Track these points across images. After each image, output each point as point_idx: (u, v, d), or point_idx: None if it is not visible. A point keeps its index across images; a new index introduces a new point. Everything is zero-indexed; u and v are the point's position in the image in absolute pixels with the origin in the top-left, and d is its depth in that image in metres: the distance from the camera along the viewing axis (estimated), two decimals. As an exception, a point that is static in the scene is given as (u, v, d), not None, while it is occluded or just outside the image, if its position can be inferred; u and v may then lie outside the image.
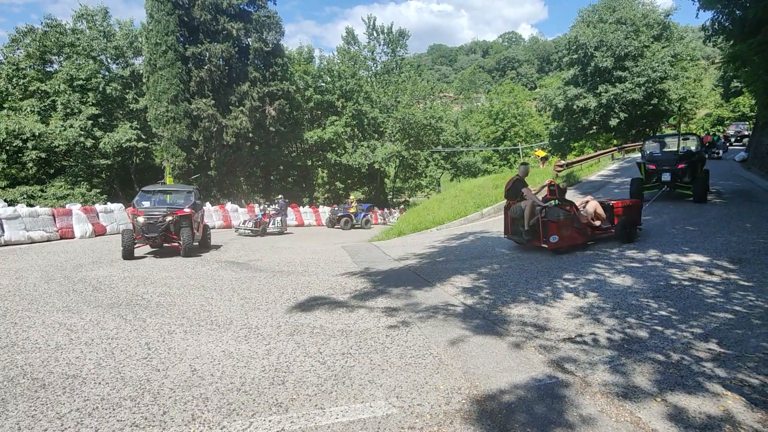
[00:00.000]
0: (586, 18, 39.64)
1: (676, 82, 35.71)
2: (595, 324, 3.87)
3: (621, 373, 2.96)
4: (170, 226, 9.00)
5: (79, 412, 2.59)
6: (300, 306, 4.84)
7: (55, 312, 4.69)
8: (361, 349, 3.52)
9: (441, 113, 36.73)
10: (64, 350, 3.57)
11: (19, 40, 27.17)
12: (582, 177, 18.33)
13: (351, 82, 33.44)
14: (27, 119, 24.60)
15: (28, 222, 11.15)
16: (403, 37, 38.30)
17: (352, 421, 2.48)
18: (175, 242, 9.08)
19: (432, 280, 5.75)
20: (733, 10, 11.84)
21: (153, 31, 22.72)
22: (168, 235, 9.06)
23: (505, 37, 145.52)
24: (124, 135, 25.84)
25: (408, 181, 42.39)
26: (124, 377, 3.06)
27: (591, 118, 37.81)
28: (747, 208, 9.60)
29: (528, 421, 2.44)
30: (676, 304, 4.26)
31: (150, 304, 5.03)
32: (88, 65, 26.40)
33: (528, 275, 5.63)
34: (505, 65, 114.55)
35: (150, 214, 8.99)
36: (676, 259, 5.95)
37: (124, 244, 8.29)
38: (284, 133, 28.41)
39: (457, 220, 12.42)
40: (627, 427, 2.37)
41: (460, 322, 4.10)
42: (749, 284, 4.71)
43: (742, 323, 3.70)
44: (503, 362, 3.20)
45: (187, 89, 23.52)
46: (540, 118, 58.45)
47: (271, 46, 26.14)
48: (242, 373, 3.11)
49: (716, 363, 3.04)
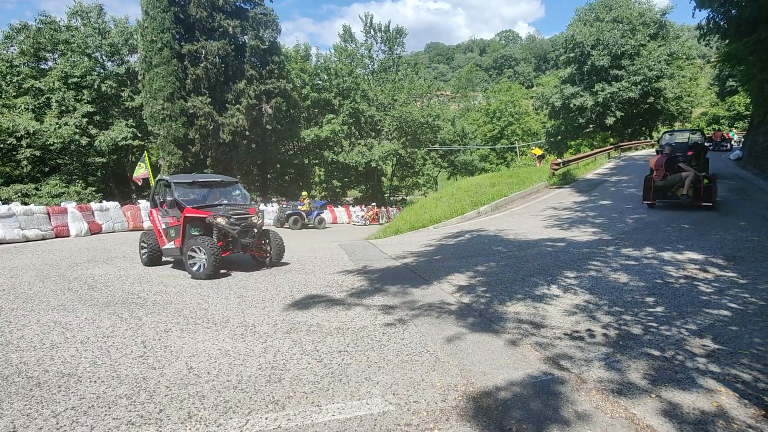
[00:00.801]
0: (583, 16, 39.75)
1: (672, 81, 35.92)
2: (590, 321, 3.89)
3: (616, 369, 2.98)
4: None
5: (75, 411, 2.58)
6: (297, 304, 4.84)
7: (51, 311, 4.67)
8: (357, 347, 3.52)
9: (438, 111, 36.70)
10: (60, 349, 3.55)
11: (12, 36, 26.94)
12: (578, 175, 18.39)
13: (348, 80, 33.35)
14: (21, 117, 24.41)
15: (22, 220, 11.08)
16: (400, 35, 38.20)
17: (349, 418, 2.49)
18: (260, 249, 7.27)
19: (429, 278, 5.75)
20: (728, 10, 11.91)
21: (148, 28, 22.57)
22: (258, 241, 7.25)
23: (502, 35, 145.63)
24: (120, 133, 25.70)
25: (405, 180, 42.39)
26: (120, 375, 3.05)
27: (587, 117, 37.97)
28: (742, 207, 9.67)
29: (524, 417, 2.45)
30: (672, 301, 4.29)
31: (146, 302, 5.01)
32: (82, 62, 26.22)
33: (524, 273, 5.65)
34: (502, 64, 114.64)
35: (237, 213, 6.94)
36: (671, 256, 5.99)
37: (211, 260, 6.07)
38: (281, 132, 28.32)
39: (454, 218, 12.43)
40: (622, 423, 2.38)
41: (457, 319, 4.11)
42: (744, 281, 4.75)
43: (737, 320, 3.73)
44: (499, 359, 3.21)
45: (183, 87, 23.40)
46: (537, 116, 58.57)
47: (267, 44, 26.04)
48: (239, 371, 3.11)
49: (710, 359, 3.06)
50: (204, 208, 6.88)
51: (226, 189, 8.00)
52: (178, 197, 7.02)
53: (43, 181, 25.82)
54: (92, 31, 27.63)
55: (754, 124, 18.18)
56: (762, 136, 16.03)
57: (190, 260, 6.37)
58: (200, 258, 6.31)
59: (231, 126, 23.99)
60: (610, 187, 14.82)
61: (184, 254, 6.48)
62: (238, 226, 6.81)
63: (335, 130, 31.73)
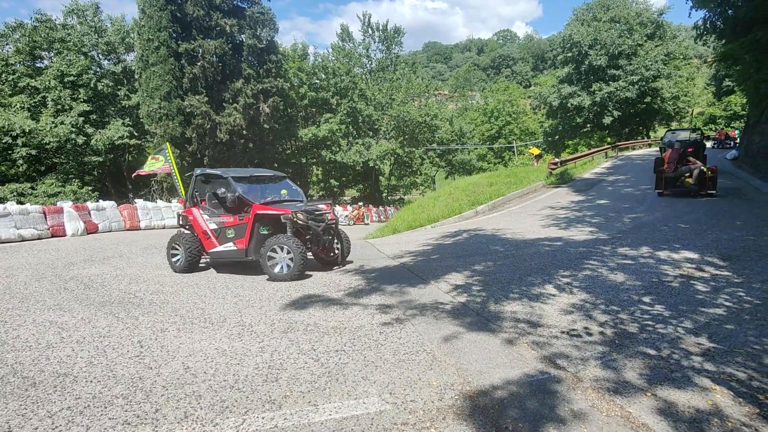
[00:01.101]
0: (581, 16, 39.86)
1: (669, 81, 36.05)
2: (587, 320, 3.90)
3: (612, 368, 2.99)
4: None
5: (70, 411, 2.57)
6: (294, 303, 4.83)
7: (46, 310, 4.65)
8: (354, 346, 3.52)
9: (436, 111, 36.73)
10: (55, 348, 3.54)
11: (8, 35, 26.80)
12: (575, 175, 18.43)
13: (346, 79, 33.32)
14: (17, 115, 24.28)
15: (18, 220, 11.02)
16: (398, 34, 38.19)
17: (346, 417, 2.49)
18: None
19: (426, 278, 5.76)
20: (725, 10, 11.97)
21: (145, 27, 22.48)
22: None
23: (500, 35, 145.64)
24: (116, 132, 25.60)
25: (403, 179, 42.38)
26: (116, 375, 3.04)
27: (585, 116, 38.09)
28: (737, 206, 9.72)
29: (520, 416, 2.45)
30: (668, 300, 4.31)
31: (142, 302, 5.00)
32: (78, 61, 26.09)
33: (521, 272, 5.66)
34: (500, 63, 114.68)
35: (316, 209, 6.59)
36: (667, 256, 6.01)
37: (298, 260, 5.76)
38: (278, 131, 28.27)
39: (452, 217, 12.44)
40: (617, 421, 2.39)
41: (454, 318, 4.12)
42: (739, 280, 4.77)
43: (732, 318, 3.75)
44: (496, 358, 3.22)
45: (180, 86, 23.31)
46: (534, 116, 58.63)
47: (265, 43, 25.97)
48: (235, 371, 3.10)
49: (706, 358, 3.08)
50: (302, 207, 6.49)
51: (277, 184, 7.57)
52: (241, 193, 6.53)
53: (39, 180, 25.70)
54: (88, 29, 27.50)
55: (750, 123, 18.25)
56: (758, 135, 16.10)
57: (269, 261, 6.00)
58: (283, 258, 5.98)
59: (228, 125, 23.93)
60: (607, 187, 14.87)
61: (262, 255, 6.02)
62: (323, 222, 6.49)
63: (333, 130, 31.70)
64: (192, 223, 6.96)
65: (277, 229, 6.49)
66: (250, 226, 6.34)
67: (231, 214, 6.69)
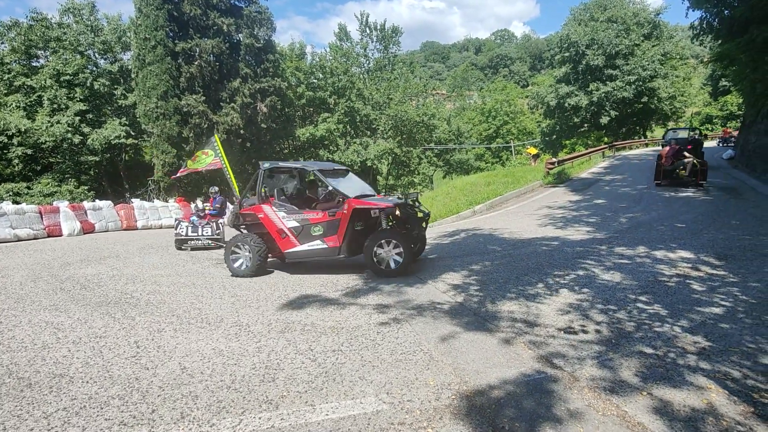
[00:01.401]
0: (578, 16, 39.93)
1: (666, 81, 36.16)
2: (584, 319, 3.92)
3: (608, 367, 3.00)
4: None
5: (66, 411, 2.56)
6: (291, 303, 4.83)
7: (42, 311, 4.62)
8: (351, 346, 3.52)
9: (434, 110, 36.70)
10: (51, 349, 3.53)
11: (3, 34, 26.60)
12: (573, 174, 18.48)
13: (343, 78, 33.26)
14: (12, 115, 24.12)
15: (14, 220, 10.96)
16: (395, 33, 38.11)
17: (343, 417, 2.49)
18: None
19: (423, 278, 5.76)
20: (721, 10, 12.01)
21: (142, 26, 22.37)
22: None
23: (497, 34, 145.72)
24: (113, 131, 25.46)
25: (401, 179, 42.35)
26: (113, 376, 3.03)
27: (582, 116, 38.16)
28: (733, 206, 9.77)
29: (516, 415, 2.46)
30: (664, 299, 4.33)
31: (139, 302, 4.98)
32: (75, 60, 25.93)
33: (519, 272, 5.68)
34: (498, 63, 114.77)
35: (410, 205, 6.55)
36: (664, 255, 6.04)
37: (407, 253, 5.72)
38: (276, 130, 28.20)
39: (450, 217, 12.45)
40: (613, 420, 2.40)
41: (451, 318, 4.12)
42: (735, 280, 4.80)
43: (727, 318, 3.77)
44: (493, 358, 3.22)
45: (177, 85, 23.22)
46: (532, 115, 58.72)
47: (262, 42, 25.89)
48: (232, 371, 3.10)
49: (701, 357, 3.09)
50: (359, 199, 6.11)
51: (344, 178, 7.16)
52: (335, 187, 6.13)
53: (35, 179, 25.55)
54: (84, 28, 27.33)
55: (746, 123, 18.34)
56: (754, 135, 16.18)
57: (376, 258, 5.84)
58: (389, 253, 5.82)
59: (225, 125, 23.86)
60: (605, 186, 14.91)
61: (366, 251, 5.82)
62: (427, 216, 6.58)
63: (330, 129, 31.65)
64: (263, 222, 6.41)
65: (367, 224, 6.25)
66: (346, 222, 5.94)
67: (317, 210, 6.26)
